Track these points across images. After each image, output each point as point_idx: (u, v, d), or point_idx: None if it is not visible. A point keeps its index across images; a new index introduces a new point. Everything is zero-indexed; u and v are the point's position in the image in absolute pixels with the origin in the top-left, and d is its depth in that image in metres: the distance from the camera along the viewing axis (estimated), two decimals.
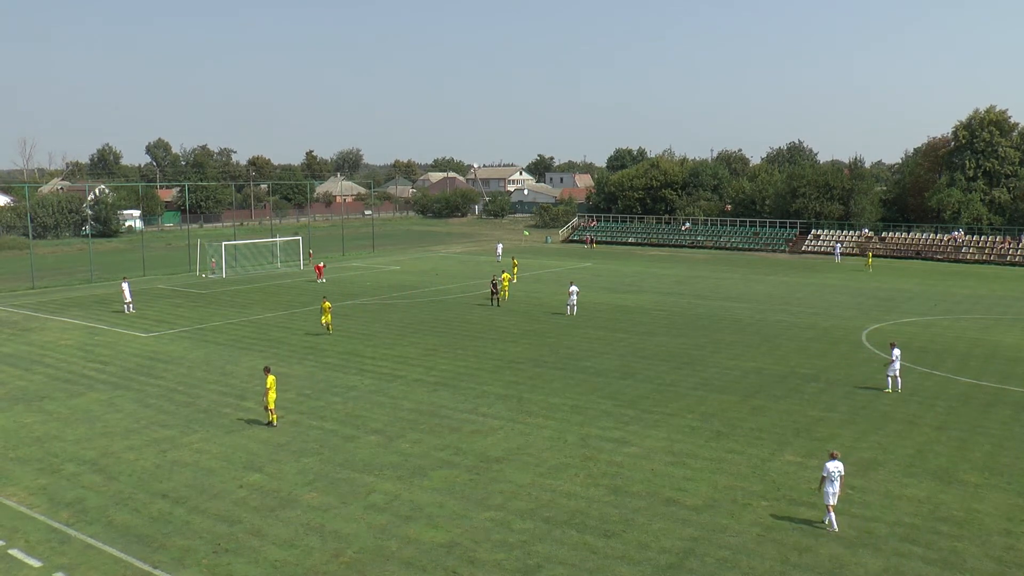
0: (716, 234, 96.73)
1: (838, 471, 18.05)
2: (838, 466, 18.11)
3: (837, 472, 18.03)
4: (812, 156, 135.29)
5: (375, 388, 29.94)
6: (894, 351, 29.19)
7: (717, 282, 61.86)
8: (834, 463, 18.14)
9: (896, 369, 29.10)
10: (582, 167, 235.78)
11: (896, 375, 29.16)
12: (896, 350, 29.25)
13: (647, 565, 16.33)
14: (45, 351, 36.54)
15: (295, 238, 76.13)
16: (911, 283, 61.43)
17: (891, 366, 29.15)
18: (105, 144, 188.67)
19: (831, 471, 18.01)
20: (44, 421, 26.01)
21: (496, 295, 48.92)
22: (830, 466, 18.08)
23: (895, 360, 29.02)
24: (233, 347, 37.17)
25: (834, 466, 18.07)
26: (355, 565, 16.36)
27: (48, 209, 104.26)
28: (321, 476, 21.21)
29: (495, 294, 48.95)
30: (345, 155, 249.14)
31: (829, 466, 18.08)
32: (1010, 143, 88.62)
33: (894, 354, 29.09)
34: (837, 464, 18.14)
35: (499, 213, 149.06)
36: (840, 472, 18.10)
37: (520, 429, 25.00)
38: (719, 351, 36.18)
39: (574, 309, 45.67)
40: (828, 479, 17.98)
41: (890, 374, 29.25)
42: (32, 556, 16.79)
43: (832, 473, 17.99)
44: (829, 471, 18.02)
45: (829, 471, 18.02)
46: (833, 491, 17.94)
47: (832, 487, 17.94)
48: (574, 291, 46.03)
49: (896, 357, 29.06)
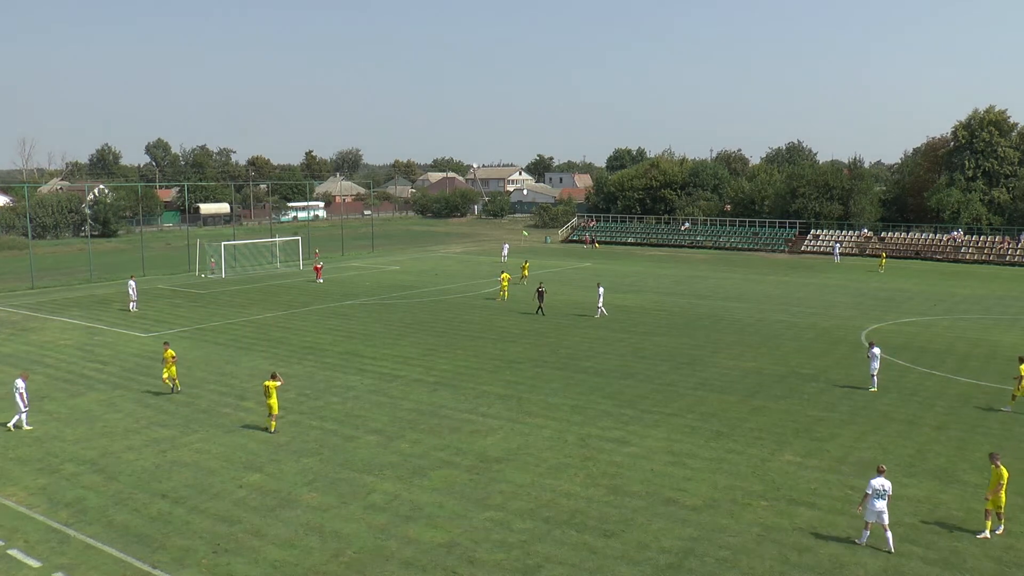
0: (716, 234, 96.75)
1: (886, 489, 16.89)
2: (885, 483, 16.94)
3: (885, 490, 16.85)
4: (811, 156, 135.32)
5: (375, 388, 29.93)
6: (872, 349, 29.75)
7: (717, 282, 61.87)
8: (881, 479, 16.95)
9: (875, 368, 29.49)
10: (581, 167, 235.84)
11: (874, 374, 29.54)
12: (875, 348, 29.71)
13: (647, 565, 16.32)
14: (45, 351, 36.53)
15: (294, 238, 76.15)
16: (910, 283, 61.43)
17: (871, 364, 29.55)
18: (104, 144, 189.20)
19: (876, 488, 16.82)
20: (44, 421, 25.99)
21: (542, 303, 45.77)
22: (876, 483, 16.88)
23: (874, 358, 29.45)
24: (233, 347, 37.17)
25: (880, 483, 16.88)
26: (355, 565, 16.36)
27: (47, 209, 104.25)
28: (321, 476, 21.20)
29: (541, 303, 45.77)
30: (345, 155, 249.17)
31: (875, 483, 16.88)
32: (1009, 143, 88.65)
33: (873, 352, 29.60)
34: (884, 481, 16.97)
35: (498, 213, 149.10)
36: (888, 491, 16.94)
37: (520, 429, 25.00)
38: (719, 351, 36.18)
39: (603, 311, 45.02)
40: (874, 495, 16.78)
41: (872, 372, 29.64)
42: (31, 556, 16.78)
43: (879, 490, 16.79)
44: (875, 488, 16.82)
45: (875, 488, 16.82)
46: (879, 510, 16.71)
47: (876, 505, 16.74)
48: (601, 292, 45.43)
49: (875, 355, 29.44)
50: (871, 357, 29.58)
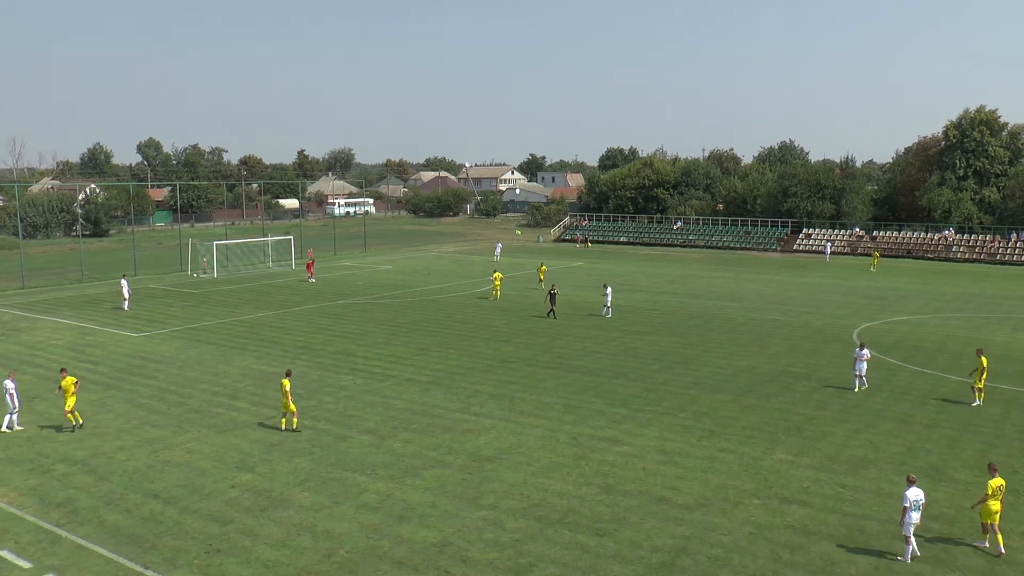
0: (708, 233, 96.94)
1: (920, 500, 16.57)
2: (919, 494, 16.58)
3: (919, 502, 16.52)
4: (803, 155, 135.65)
5: (367, 388, 29.90)
6: (862, 351, 29.29)
7: (709, 281, 61.99)
8: (915, 490, 16.57)
9: (862, 369, 29.17)
10: (574, 166, 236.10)
11: (861, 375, 29.23)
12: (864, 350, 29.28)
13: (639, 564, 16.35)
14: (35, 351, 36.37)
15: (287, 237, 75.97)
16: (902, 282, 61.68)
17: (858, 364, 29.22)
18: (96, 143, 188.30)
19: (913, 500, 16.43)
20: (34, 421, 25.87)
21: (554, 306, 44.56)
22: (911, 494, 16.48)
23: (861, 359, 29.13)
24: (225, 347, 37.08)
25: (915, 494, 16.50)
26: (347, 565, 16.34)
27: (38, 208, 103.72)
28: (313, 476, 21.18)
29: (553, 305, 44.51)
30: (337, 154, 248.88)
31: (910, 494, 16.48)
32: (1000, 142, 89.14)
33: (863, 353, 29.20)
34: (918, 492, 16.61)
35: (491, 212, 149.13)
36: (922, 501, 16.62)
37: (512, 428, 25.01)
38: (711, 350, 36.26)
39: (609, 311, 45.11)
40: (911, 508, 16.39)
41: (858, 372, 29.30)
42: (22, 557, 16.71)
43: (914, 502, 16.42)
44: (911, 500, 16.43)
45: (911, 500, 16.43)
46: (913, 521, 16.40)
47: (913, 517, 16.38)
48: (609, 292, 45.41)
49: (863, 356, 29.10)
50: (857, 358, 29.24)
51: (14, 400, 24.85)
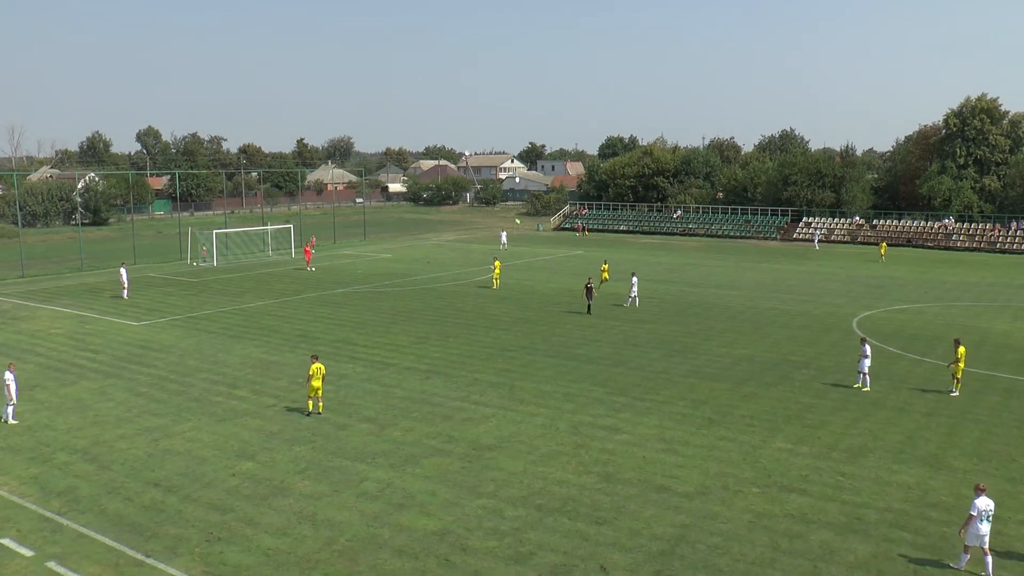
0: (708, 222, 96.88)
1: (991, 510, 15.58)
2: (990, 504, 15.59)
3: (990, 511, 15.54)
4: (804, 144, 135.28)
5: (367, 376, 29.94)
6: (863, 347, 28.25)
7: (708, 270, 61.99)
8: (985, 499, 15.58)
9: (864, 366, 28.10)
10: (574, 155, 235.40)
11: (864, 372, 28.14)
12: (865, 346, 28.26)
13: (639, 552, 16.41)
14: (35, 340, 36.39)
15: (286, 226, 75.91)
16: (902, 271, 61.68)
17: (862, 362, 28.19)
18: (95, 132, 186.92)
19: (983, 509, 15.45)
20: (35, 410, 25.92)
21: (591, 301, 42.32)
22: (980, 504, 15.48)
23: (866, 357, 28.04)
24: (224, 335, 37.09)
25: (986, 504, 15.50)
26: (347, 553, 16.40)
27: (37, 197, 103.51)
28: (313, 464, 21.22)
29: (591, 300, 42.34)
30: (336, 143, 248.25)
31: (979, 503, 15.48)
32: (1000, 131, 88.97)
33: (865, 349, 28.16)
34: (989, 502, 15.60)
35: (491, 201, 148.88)
36: (991, 511, 15.60)
37: (512, 417, 25.05)
38: (710, 338, 36.28)
39: (636, 301, 44.34)
40: (979, 518, 15.45)
41: (860, 370, 28.26)
42: (24, 545, 16.76)
43: (983, 512, 15.44)
44: (980, 509, 15.44)
45: (980, 509, 15.44)
46: (983, 533, 15.42)
47: (981, 528, 15.42)
48: (635, 282, 44.69)
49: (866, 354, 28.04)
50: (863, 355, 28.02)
51: (11, 392, 24.83)
